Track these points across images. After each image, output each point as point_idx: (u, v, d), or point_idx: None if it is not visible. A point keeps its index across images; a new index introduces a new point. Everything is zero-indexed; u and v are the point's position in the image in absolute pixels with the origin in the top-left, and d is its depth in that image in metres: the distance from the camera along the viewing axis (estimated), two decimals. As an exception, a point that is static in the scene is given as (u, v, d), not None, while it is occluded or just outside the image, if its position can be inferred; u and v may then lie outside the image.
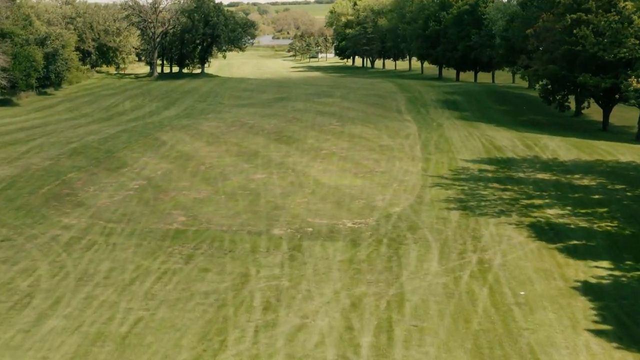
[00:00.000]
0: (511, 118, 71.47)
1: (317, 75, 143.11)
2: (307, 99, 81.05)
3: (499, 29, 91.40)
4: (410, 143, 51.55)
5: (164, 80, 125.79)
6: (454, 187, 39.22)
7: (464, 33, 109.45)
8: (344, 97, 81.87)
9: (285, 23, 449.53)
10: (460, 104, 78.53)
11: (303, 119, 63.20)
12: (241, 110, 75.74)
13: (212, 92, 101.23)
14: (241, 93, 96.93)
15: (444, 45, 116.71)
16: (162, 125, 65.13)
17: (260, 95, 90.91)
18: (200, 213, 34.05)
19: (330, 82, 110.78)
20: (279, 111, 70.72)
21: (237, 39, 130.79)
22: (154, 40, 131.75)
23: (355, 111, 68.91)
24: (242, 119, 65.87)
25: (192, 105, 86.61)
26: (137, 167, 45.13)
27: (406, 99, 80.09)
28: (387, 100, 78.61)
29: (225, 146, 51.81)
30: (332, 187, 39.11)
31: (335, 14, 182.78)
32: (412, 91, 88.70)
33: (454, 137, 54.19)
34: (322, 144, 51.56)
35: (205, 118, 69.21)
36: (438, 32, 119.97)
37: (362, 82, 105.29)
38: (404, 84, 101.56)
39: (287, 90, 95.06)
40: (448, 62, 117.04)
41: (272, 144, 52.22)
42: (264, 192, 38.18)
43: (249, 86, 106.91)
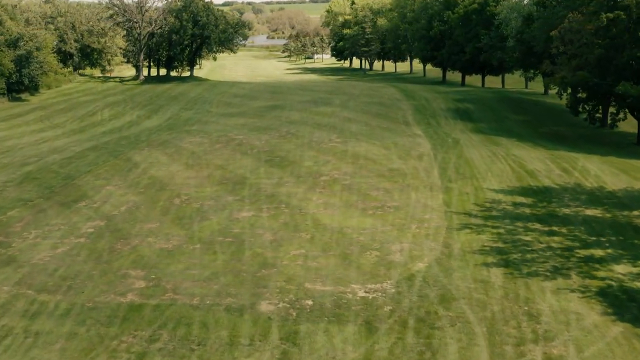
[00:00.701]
0: (532, 130, 63.75)
1: (313, 79, 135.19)
2: (303, 107, 73.14)
3: (512, 30, 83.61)
4: (426, 166, 43.66)
5: (150, 84, 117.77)
6: (487, 230, 31.39)
7: (471, 34, 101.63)
8: (343, 105, 73.98)
9: (280, 22, 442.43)
10: (473, 113, 70.75)
11: (299, 134, 55.27)
12: (229, 120, 67.79)
13: (200, 98, 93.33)
14: (231, 99, 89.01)
15: (449, 47, 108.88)
16: (139, 140, 57.11)
17: (252, 103, 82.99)
18: (166, 274, 26.10)
19: (328, 86, 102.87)
20: (271, 123, 62.78)
21: (228, 40, 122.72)
22: (140, 41, 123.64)
23: (358, 123, 61.01)
24: (229, 133, 57.90)
25: (176, 113, 78.69)
26: (98, 200, 37.12)
27: (413, 108, 72.23)
28: (392, 110, 70.74)
29: (207, 170, 43.84)
30: (336, 231, 31.24)
31: (332, 14, 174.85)
32: (418, 98, 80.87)
33: (475, 158, 46.32)
34: (321, 167, 43.63)
35: (188, 131, 61.22)
36: (443, 33, 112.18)
37: (362, 87, 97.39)
38: (408, 89, 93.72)
39: (281, 97, 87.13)
40: (454, 65, 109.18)
41: (263, 167, 44.27)
42: (250, 238, 30.27)
43: (240, 91, 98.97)
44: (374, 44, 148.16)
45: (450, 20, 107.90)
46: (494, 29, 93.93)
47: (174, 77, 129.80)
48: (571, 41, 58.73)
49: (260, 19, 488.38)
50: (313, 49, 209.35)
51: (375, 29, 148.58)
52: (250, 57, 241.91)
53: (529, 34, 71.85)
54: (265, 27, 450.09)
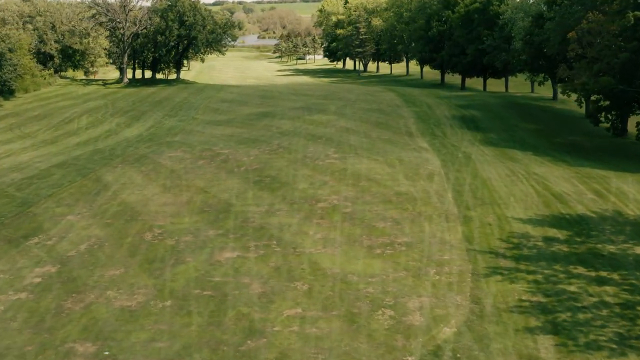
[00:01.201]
0: (545, 140, 58.42)
1: (306, 81, 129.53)
2: (296, 115, 67.48)
3: (519, 31, 78.22)
4: (437, 189, 38.08)
5: (134, 87, 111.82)
6: (522, 277, 25.86)
7: (473, 35, 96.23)
8: (339, 112, 68.36)
9: (271, 22, 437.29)
10: (480, 121, 65.33)
11: (291, 148, 49.58)
12: (216, 130, 62.11)
13: (186, 103, 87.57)
14: (219, 105, 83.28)
15: (449, 49, 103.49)
16: (113, 155, 51.27)
17: (241, 109, 77.26)
18: (124, 349, 20.38)
19: (322, 90, 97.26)
20: (261, 134, 57.09)
21: (216, 41, 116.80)
22: (124, 42, 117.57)
23: (357, 134, 55.41)
24: (215, 146, 52.16)
25: (159, 121, 72.95)
26: (54, 235, 31.33)
27: (415, 116, 66.72)
28: (393, 118, 65.18)
29: (187, 194, 38.09)
30: (339, 279, 25.62)
31: (324, 13, 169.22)
32: (419, 104, 75.39)
33: (492, 178, 40.78)
34: (317, 190, 37.98)
35: (170, 143, 55.47)
36: (442, 34, 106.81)
37: (359, 92, 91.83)
38: (407, 93, 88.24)
39: (272, 103, 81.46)
40: (454, 67, 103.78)
41: (251, 189, 38.57)
42: (234, 291, 24.59)
43: (228, 96, 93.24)
44: (368, 44, 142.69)
45: (450, 20, 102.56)
46: (498, 29, 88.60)
47: (160, 79, 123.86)
48: (590, 43, 53.39)
49: (251, 19, 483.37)
50: (305, 49, 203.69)
51: (369, 29, 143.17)
52: (240, 57, 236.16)
53: (541, 35, 66.39)
54: (256, 27, 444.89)
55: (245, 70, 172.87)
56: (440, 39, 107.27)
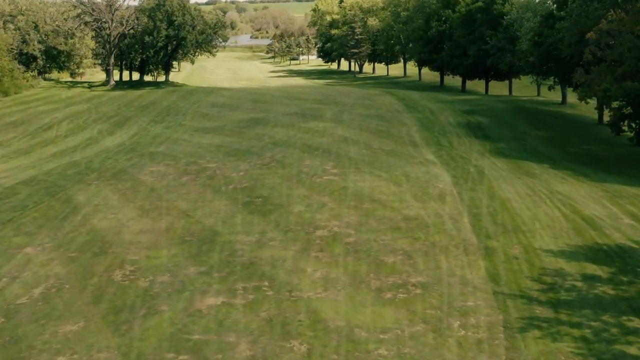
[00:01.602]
0: (560, 150, 54.10)
1: (300, 83, 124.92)
2: (290, 122, 62.91)
3: (526, 32, 73.82)
4: (451, 212, 33.59)
5: (120, 90, 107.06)
6: (565, 331, 21.40)
7: (475, 35, 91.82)
8: (337, 119, 63.83)
9: (264, 22, 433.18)
10: (487, 129, 60.96)
11: (285, 161, 44.99)
12: (203, 138, 57.53)
13: (174, 108, 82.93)
14: (208, 110, 78.64)
15: (449, 50, 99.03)
16: (89, 169, 46.55)
17: (231, 115, 72.66)
18: None
19: (317, 94, 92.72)
20: (252, 144, 52.49)
21: (206, 41, 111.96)
22: (110, 43, 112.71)
23: (356, 145, 50.89)
24: (201, 158, 47.53)
25: (144, 128, 68.29)
26: (6, 276, 26.61)
27: (417, 123, 62.26)
28: (394, 125, 60.69)
29: (166, 218, 33.47)
30: (343, 336, 21.08)
31: (318, 12, 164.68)
32: (421, 109, 70.96)
33: (511, 198, 36.33)
34: (315, 213, 33.42)
35: (153, 155, 50.82)
36: (442, 34, 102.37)
37: (356, 95, 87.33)
38: (406, 97, 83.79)
39: (265, 107, 76.86)
40: (455, 69, 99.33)
41: (240, 213, 33.97)
42: (216, 355, 19.98)
43: (219, 100, 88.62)
44: (364, 45, 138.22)
45: (451, 20, 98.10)
46: (502, 29, 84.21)
47: (148, 82, 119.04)
48: (610, 45, 49.01)
49: (244, 18, 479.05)
50: (298, 49, 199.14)
51: (365, 29, 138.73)
52: (232, 58, 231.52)
53: (552, 36, 61.94)
54: (249, 27, 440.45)
55: (238, 72, 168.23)
56: (440, 40, 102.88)
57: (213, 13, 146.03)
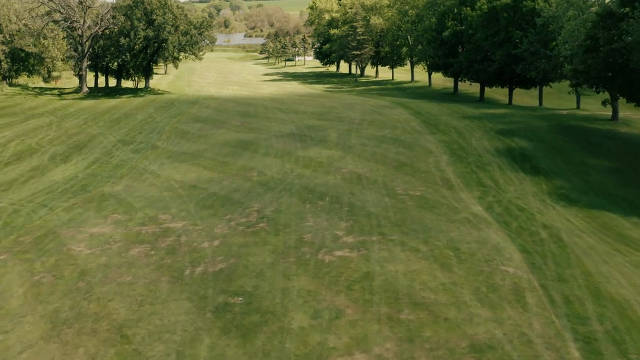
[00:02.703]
0: (636, 191, 41.47)
1: (296, 89, 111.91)
2: (286, 148, 50.28)
3: (569, 33, 61.17)
4: (544, 331, 20.91)
5: (93, 98, 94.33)
6: None
7: (500, 37, 79.13)
8: (344, 144, 51.21)
9: (259, 20, 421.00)
10: (534, 157, 48.42)
11: (279, 221, 32.24)
12: (175, 172, 44.86)
13: (149, 123, 70.45)
14: (189, 126, 66.05)
15: (468, 53, 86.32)
16: (6, 227, 33.70)
17: (215, 134, 60.04)
18: None
19: (316, 105, 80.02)
20: (236, 186, 39.78)
21: (190, 44, 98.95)
22: (82, 45, 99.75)
23: (375, 188, 38.21)
24: (165, 211, 34.79)
25: (108, 151, 55.72)
26: None
27: (445, 149, 49.70)
28: (417, 153, 48.09)
29: (88, 344, 20.69)
30: None
31: (316, 11, 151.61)
32: (444, 128, 58.43)
33: (628, 296, 23.66)
34: (327, 335, 20.76)
35: (103, 200, 38.10)
36: (458, 35, 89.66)
37: (362, 107, 74.71)
38: (422, 110, 71.24)
39: (256, 124, 64.21)
40: (476, 76, 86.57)
41: (207, 334, 21.23)
42: None
43: (203, 112, 75.97)
44: (367, 46, 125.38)
45: (470, 19, 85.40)
46: (535, 30, 71.56)
47: (127, 89, 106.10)
48: None
49: (238, 16, 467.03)
50: (294, 50, 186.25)
51: (368, 28, 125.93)
52: (224, 58, 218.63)
53: (615, 40, 49.18)
54: (243, 25, 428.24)
55: (228, 75, 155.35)
56: (457, 42, 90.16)
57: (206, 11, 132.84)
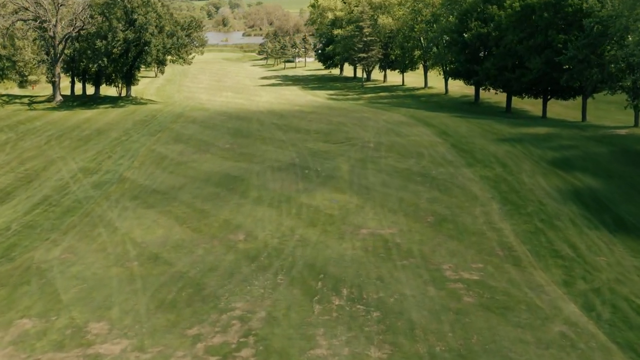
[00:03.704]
0: None
1: (296, 97, 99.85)
2: (284, 190, 38.54)
3: None
4: None
5: (67, 109, 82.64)
6: None
7: (537, 41, 67.24)
8: (360, 183, 39.44)
9: (258, 18, 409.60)
10: (612, 203, 36.62)
11: (272, 342, 20.41)
12: (139, 225, 33.26)
13: (124, 141, 59.22)
14: (168, 149, 54.57)
15: (497, 59, 74.38)
16: None
17: (197, 161, 48.47)
18: None
19: (320, 118, 68.32)
20: (213, 263, 28.02)
21: (176, 46, 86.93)
22: (55, 47, 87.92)
23: (411, 270, 26.41)
24: (101, 313, 23.02)
25: (62, 187, 44.31)
26: None
27: (494, 193, 37.90)
28: (459, 201, 36.28)
29: None
30: None
31: (318, 9, 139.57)
32: (483, 158, 46.68)
33: None
34: None
35: (21, 284, 26.39)
36: (484, 38, 77.86)
37: (376, 124, 62.96)
38: (449, 129, 59.57)
39: (248, 148, 52.59)
40: (508, 86, 74.60)
41: None
42: None
43: (187, 129, 64.46)
44: (374, 48, 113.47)
45: (499, 20, 73.62)
46: (579, 33, 59.72)
47: (106, 97, 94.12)
48: None
49: (237, 14, 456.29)
50: (294, 50, 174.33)
51: (375, 29, 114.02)
52: (220, 59, 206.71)
53: None
54: (242, 23, 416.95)
55: (223, 78, 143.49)
56: (482, 45, 78.38)
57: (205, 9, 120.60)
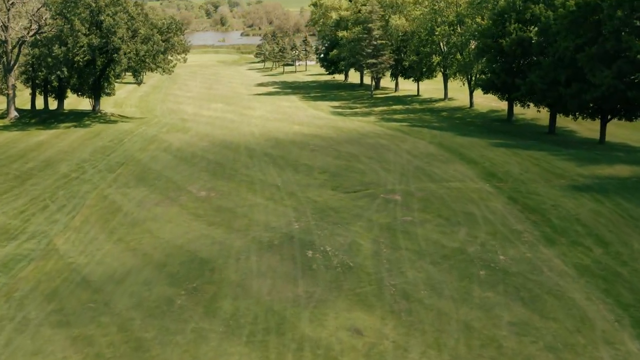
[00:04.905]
0: None
1: (296, 112, 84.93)
2: (273, 288, 24.03)
3: None
4: None
5: (18, 129, 68.43)
6: None
7: (606, 48, 52.39)
8: (391, 286, 24.89)
9: (257, 17, 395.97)
10: None
11: None
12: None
13: (73, 180, 45.71)
14: (126, 196, 40.47)
15: (546, 70, 59.57)
16: None
17: (155, 222, 34.16)
18: None
19: (329, 151, 53.87)
20: None
21: (151, 54, 72.04)
22: (8, 54, 73.40)
23: None
24: None
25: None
26: None
27: (614, 306, 23.13)
28: (561, 328, 21.67)
29: None
30: None
31: (320, 8, 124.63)
32: (565, 226, 32.20)
33: None
34: None
35: None
36: (526, 44, 63.15)
37: (399, 159, 48.46)
38: (495, 167, 45.13)
39: (228, 198, 38.11)
40: (559, 103, 59.74)
41: None
42: None
43: (157, 162, 50.43)
44: (385, 53, 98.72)
45: (545, 22, 58.96)
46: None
47: (70, 113, 79.54)
48: None
49: (236, 13, 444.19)
50: (293, 53, 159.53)
51: (387, 31, 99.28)
52: (215, 61, 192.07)
53: None
54: (241, 23, 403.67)
55: (215, 84, 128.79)
56: (524, 53, 63.69)
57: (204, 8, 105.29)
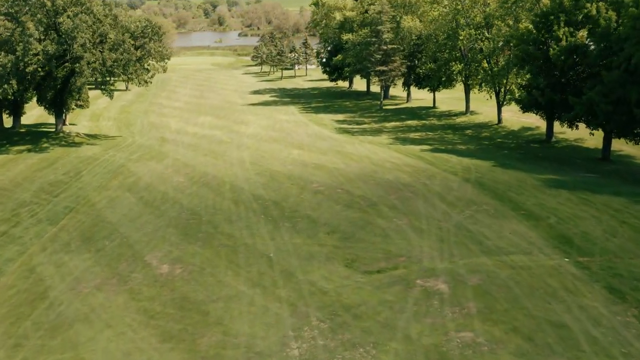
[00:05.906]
0: None
1: (295, 128, 72.68)
2: None
3: None
4: None
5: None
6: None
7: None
8: None
9: (256, 17, 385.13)
10: None
11: None
12: None
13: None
14: (57, 271, 29.70)
15: (609, 87, 47.35)
16: None
17: (92, 321, 21.70)
18: None
19: (335, 193, 41.93)
20: None
21: (123, 63, 59.81)
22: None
23: None
24: None
25: None
26: None
27: None
28: None
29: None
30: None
31: (322, 8, 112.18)
32: None
33: None
34: None
35: None
36: (580, 53, 51.09)
37: (431, 207, 36.43)
38: (569, 230, 33.24)
39: (197, 285, 25.82)
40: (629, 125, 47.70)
41: None
42: None
43: (115, 211, 38.41)
44: (396, 59, 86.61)
45: (606, 25, 46.95)
46: None
47: (28, 133, 67.57)
48: None
49: (234, 13, 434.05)
50: (293, 56, 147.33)
51: (398, 34, 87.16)
52: (210, 64, 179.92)
53: None
54: (239, 22, 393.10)
55: (207, 92, 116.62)
56: (573, 64, 51.67)
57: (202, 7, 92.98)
